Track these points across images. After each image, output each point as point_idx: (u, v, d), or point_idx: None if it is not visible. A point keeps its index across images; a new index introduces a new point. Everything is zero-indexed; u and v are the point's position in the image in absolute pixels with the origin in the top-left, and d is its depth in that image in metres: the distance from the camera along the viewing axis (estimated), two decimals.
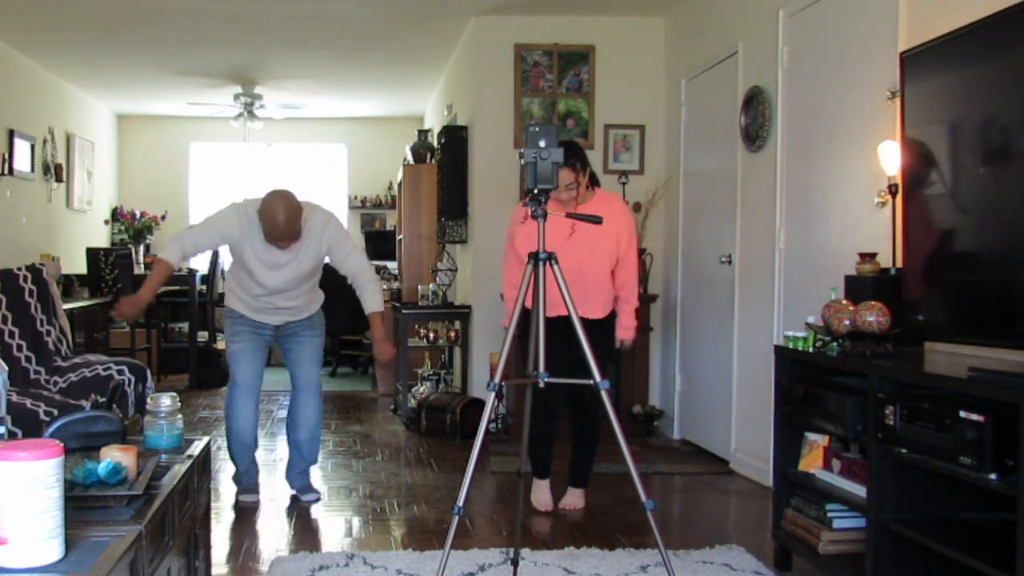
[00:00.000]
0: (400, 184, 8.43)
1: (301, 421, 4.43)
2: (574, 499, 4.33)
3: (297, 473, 4.48)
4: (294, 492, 4.48)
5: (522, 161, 2.88)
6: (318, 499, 4.44)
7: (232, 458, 4.43)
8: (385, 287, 8.71)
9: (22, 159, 7.74)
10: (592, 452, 4.33)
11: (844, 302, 3.09)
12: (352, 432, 6.21)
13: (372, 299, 4.24)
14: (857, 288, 3.26)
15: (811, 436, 3.30)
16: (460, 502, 2.78)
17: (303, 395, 4.42)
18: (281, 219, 3.94)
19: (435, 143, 7.74)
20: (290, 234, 4.00)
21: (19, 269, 4.68)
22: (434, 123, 8.96)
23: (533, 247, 3.00)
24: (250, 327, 4.32)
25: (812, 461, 3.29)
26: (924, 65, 2.90)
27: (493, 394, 2.90)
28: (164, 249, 4.14)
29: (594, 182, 4.25)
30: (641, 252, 6.23)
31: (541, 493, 4.34)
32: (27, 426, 3.65)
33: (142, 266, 9.27)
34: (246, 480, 4.43)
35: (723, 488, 4.79)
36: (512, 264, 4.28)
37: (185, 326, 8.78)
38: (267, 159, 10.94)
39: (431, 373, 6.96)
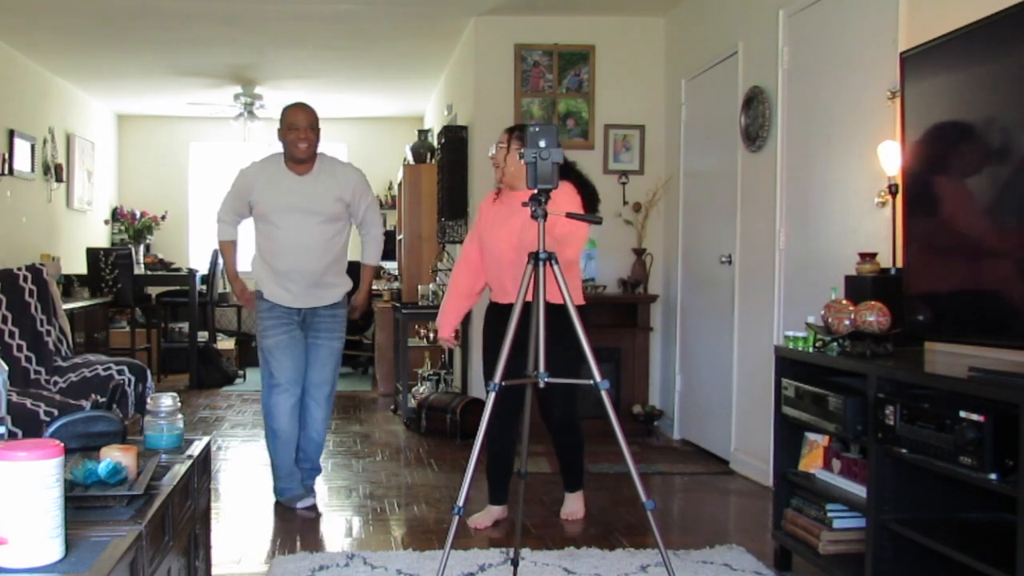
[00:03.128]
0: (400, 184, 8.43)
1: (302, 423, 4.36)
2: (574, 506, 4.12)
3: (300, 473, 4.39)
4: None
5: (522, 161, 2.88)
6: (311, 506, 4.25)
7: (272, 460, 4.28)
8: (385, 287, 8.72)
9: (22, 159, 7.74)
10: (578, 451, 4.05)
11: (844, 302, 3.09)
12: (352, 432, 6.21)
13: (373, 252, 4.66)
14: (857, 288, 3.26)
15: (811, 436, 3.30)
16: (460, 502, 2.78)
17: (306, 397, 4.35)
18: (301, 111, 4.19)
19: (435, 143, 7.74)
20: (309, 121, 4.18)
21: (19, 269, 4.68)
22: (434, 123, 8.96)
23: (488, 231, 3.03)
24: (280, 319, 4.23)
25: (812, 461, 3.29)
26: (924, 65, 2.90)
27: (493, 394, 2.90)
28: (218, 234, 4.45)
29: (564, 174, 3.25)
30: (641, 252, 6.25)
31: (484, 516, 4.00)
32: (27, 426, 3.65)
33: (142, 266, 9.25)
34: (288, 491, 4.27)
35: (723, 488, 4.79)
36: (466, 262, 4.00)
37: (185, 326, 8.78)
38: None
39: (431, 373, 6.96)
